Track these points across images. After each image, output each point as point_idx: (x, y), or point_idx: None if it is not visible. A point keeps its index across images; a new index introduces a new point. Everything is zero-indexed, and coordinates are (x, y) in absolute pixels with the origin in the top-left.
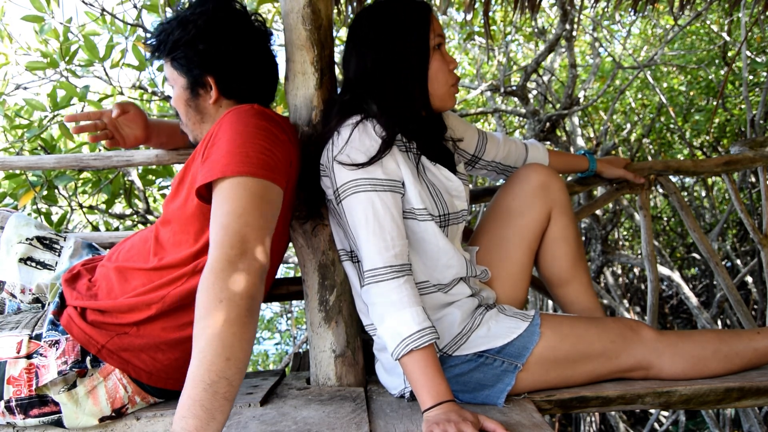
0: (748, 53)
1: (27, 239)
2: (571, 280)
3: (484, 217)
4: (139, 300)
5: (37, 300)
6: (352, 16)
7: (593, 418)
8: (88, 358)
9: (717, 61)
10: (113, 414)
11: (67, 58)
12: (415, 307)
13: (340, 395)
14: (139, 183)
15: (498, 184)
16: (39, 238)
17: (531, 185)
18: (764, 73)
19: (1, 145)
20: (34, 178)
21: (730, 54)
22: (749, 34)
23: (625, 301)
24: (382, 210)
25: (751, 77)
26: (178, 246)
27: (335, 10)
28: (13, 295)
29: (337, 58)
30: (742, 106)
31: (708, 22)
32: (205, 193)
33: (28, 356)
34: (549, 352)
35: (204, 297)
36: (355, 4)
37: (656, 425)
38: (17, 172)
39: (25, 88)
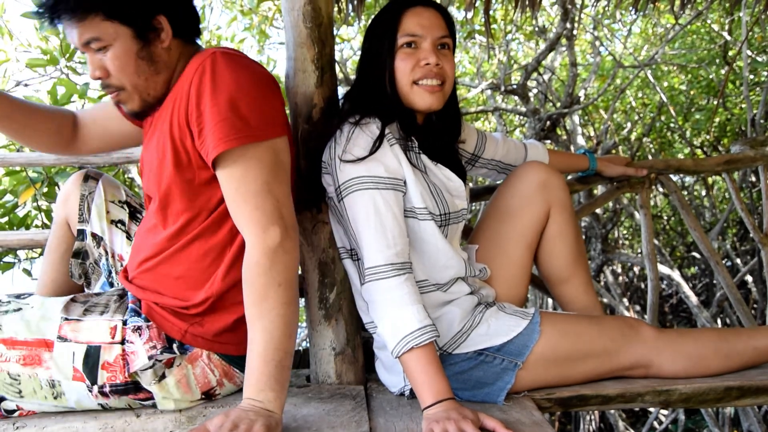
0: (749, 52)
1: (119, 201)
2: (570, 278)
3: (484, 215)
4: (189, 293)
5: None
6: (352, 14)
7: (593, 417)
8: (174, 345)
9: (718, 60)
10: (203, 397)
11: (68, 55)
12: (415, 305)
13: (340, 393)
14: (139, 180)
15: (498, 183)
16: (128, 204)
17: (530, 183)
18: (765, 73)
19: (2, 142)
20: (35, 175)
21: (730, 53)
22: (750, 33)
23: (625, 300)
24: (383, 208)
25: (751, 76)
26: (185, 213)
27: (336, 8)
28: (107, 253)
29: (338, 56)
30: (743, 106)
31: (709, 21)
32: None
33: (122, 342)
34: (549, 351)
35: (261, 281)
36: (355, 2)
37: (655, 424)
38: (17, 168)
39: (26, 85)
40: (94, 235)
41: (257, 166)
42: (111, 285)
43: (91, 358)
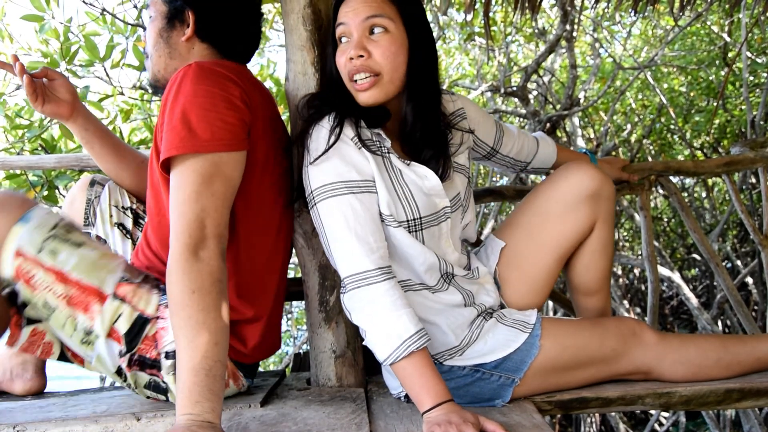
0: (749, 54)
1: (123, 207)
2: (599, 291)
3: (519, 211)
4: None
5: None
6: None
7: (593, 419)
8: None
9: (717, 61)
10: None
11: (68, 59)
12: (407, 308)
13: (341, 396)
14: None
15: (502, 180)
16: (132, 210)
17: (578, 190)
18: (765, 74)
19: (2, 145)
20: (35, 178)
21: (730, 55)
22: (749, 34)
23: (626, 302)
24: (362, 212)
25: (751, 78)
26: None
27: None
28: None
29: None
30: (743, 107)
31: (708, 22)
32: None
33: (158, 319)
34: (548, 363)
35: (176, 289)
36: None
37: (656, 426)
38: (18, 172)
39: None
40: (98, 238)
41: (192, 176)
42: None
43: (137, 325)
